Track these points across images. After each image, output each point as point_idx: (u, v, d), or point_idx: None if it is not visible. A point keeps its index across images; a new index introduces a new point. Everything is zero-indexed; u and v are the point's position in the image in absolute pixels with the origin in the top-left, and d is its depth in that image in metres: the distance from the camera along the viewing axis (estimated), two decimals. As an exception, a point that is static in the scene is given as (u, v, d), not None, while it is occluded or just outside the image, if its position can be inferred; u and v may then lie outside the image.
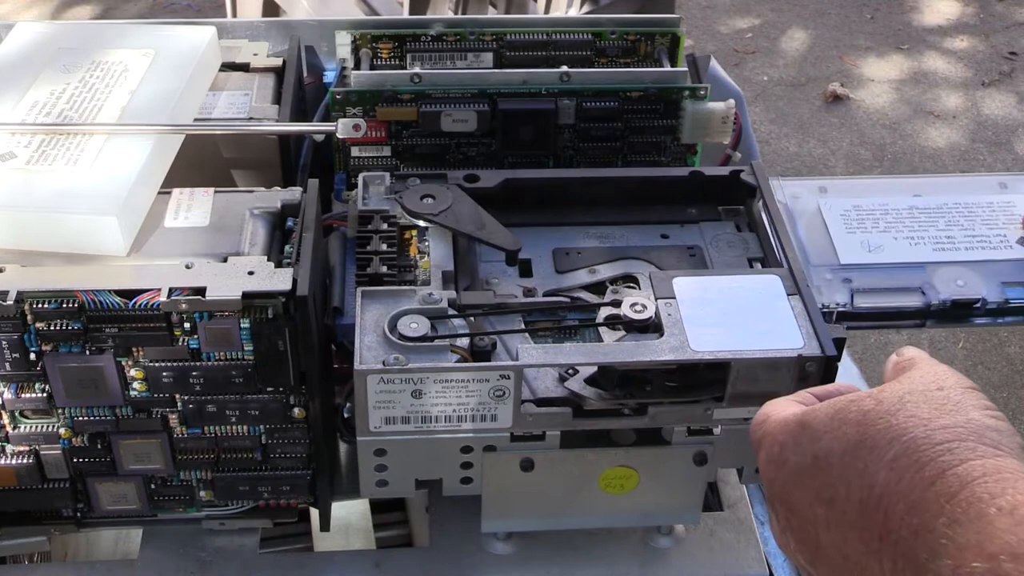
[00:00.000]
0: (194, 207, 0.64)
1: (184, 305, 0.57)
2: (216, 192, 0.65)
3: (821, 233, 0.70)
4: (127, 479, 0.64)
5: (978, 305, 0.68)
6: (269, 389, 0.61)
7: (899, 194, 0.74)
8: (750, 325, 0.60)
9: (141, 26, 0.78)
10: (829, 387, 0.49)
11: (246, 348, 0.59)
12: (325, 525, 0.67)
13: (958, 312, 0.68)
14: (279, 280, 0.58)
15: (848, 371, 0.88)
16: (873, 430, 0.41)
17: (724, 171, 0.73)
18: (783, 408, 0.47)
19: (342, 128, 0.70)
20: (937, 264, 0.69)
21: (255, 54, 0.80)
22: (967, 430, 0.40)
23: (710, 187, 0.72)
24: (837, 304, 0.65)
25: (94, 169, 0.63)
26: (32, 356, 0.58)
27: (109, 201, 0.60)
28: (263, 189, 0.66)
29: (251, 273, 0.58)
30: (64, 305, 0.57)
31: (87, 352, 0.58)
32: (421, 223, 0.67)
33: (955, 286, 0.67)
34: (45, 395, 0.60)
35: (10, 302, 0.56)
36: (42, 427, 0.61)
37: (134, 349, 0.59)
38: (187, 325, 0.58)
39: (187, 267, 0.59)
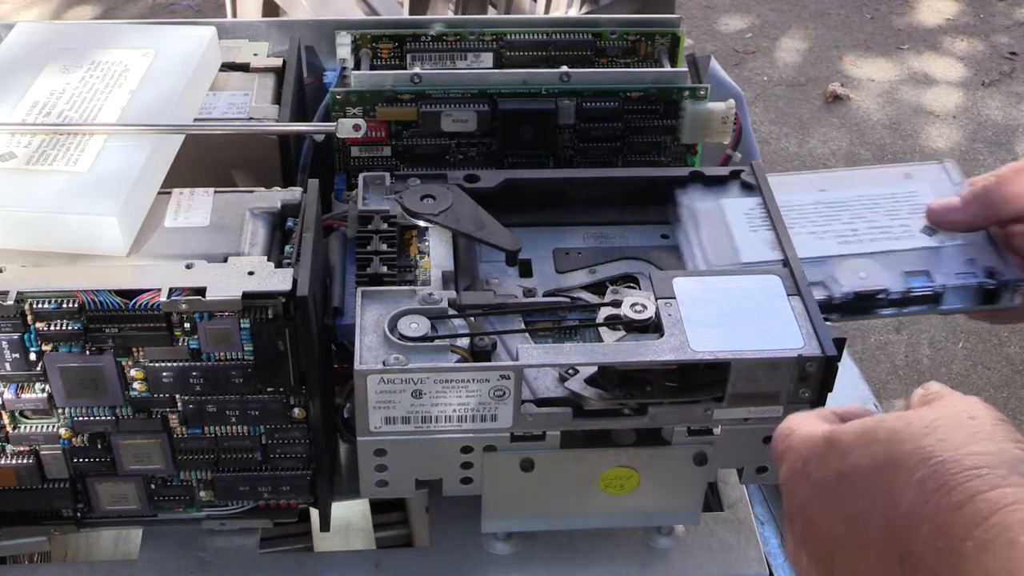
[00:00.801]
0: (194, 207, 0.64)
1: (184, 305, 0.57)
2: (216, 192, 0.65)
3: (723, 233, 0.69)
4: (127, 479, 0.64)
5: (881, 296, 0.66)
6: (269, 389, 0.61)
7: (804, 190, 0.72)
8: (750, 325, 0.60)
9: (141, 26, 0.78)
10: (850, 408, 0.49)
11: (246, 348, 0.59)
12: (325, 525, 0.67)
13: (862, 304, 0.67)
14: (279, 280, 0.58)
15: (848, 371, 0.88)
16: (902, 450, 0.41)
17: (724, 171, 0.73)
18: (809, 424, 0.47)
19: (342, 128, 0.70)
20: (840, 257, 0.67)
21: (255, 54, 0.80)
22: (998, 458, 0.39)
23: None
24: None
25: (94, 169, 0.63)
26: (32, 356, 0.58)
27: (109, 201, 0.60)
28: (263, 189, 0.66)
29: (251, 273, 0.58)
30: (64, 305, 0.57)
31: (87, 352, 0.58)
32: (421, 223, 0.67)
33: (858, 279, 0.66)
34: (45, 395, 0.60)
35: (10, 302, 0.56)
36: (42, 427, 0.61)
37: (134, 349, 0.59)
38: (187, 325, 0.58)
39: (187, 267, 0.59)
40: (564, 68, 0.77)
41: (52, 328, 0.57)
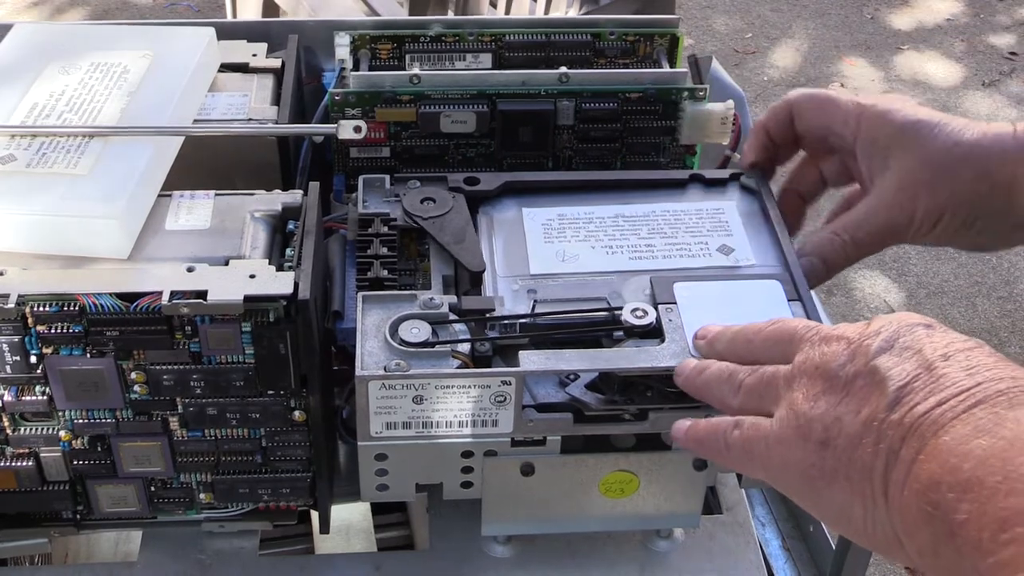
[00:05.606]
0: (195, 210, 0.64)
1: (185, 308, 0.57)
2: (217, 195, 0.65)
3: (519, 244, 0.67)
4: (127, 481, 0.64)
5: None
6: (270, 392, 0.61)
7: (609, 202, 0.70)
8: (751, 329, 0.59)
9: (140, 27, 0.78)
10: None
11: (247, 351, 0.59)
12: (325, 527, 0.67)
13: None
14: (280, 283, 0.58)
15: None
16: None
17: (724, 174, 0.73)
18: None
19: (343, 130, 0.69)
20: (630, 273, 0.65)
21: (254, 55, 0.80)
22: None
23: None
24: (518, 317, 0.62)
25: (95, 172, 0.63)
26: (33, 359, 0.58)
27: (110, 204, 0.60)
28: (264, 192, 0.65)
29: (252, 276, 0.58)
30: (65, 308, 0.57)
31: (88, 355, 0.58)
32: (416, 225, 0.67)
33: (643, 295, 0.63)
34: (45, 398, 0.60)
35: (11, 305, 0.56)
36: (42, 429, 0.61)
37: (135, 352, 0.59)
38: (188, 328, 0.58)
39: (188, 270, 0.59)
40: (563, 69, 0.77)
41: (53, 331, 0.57)
